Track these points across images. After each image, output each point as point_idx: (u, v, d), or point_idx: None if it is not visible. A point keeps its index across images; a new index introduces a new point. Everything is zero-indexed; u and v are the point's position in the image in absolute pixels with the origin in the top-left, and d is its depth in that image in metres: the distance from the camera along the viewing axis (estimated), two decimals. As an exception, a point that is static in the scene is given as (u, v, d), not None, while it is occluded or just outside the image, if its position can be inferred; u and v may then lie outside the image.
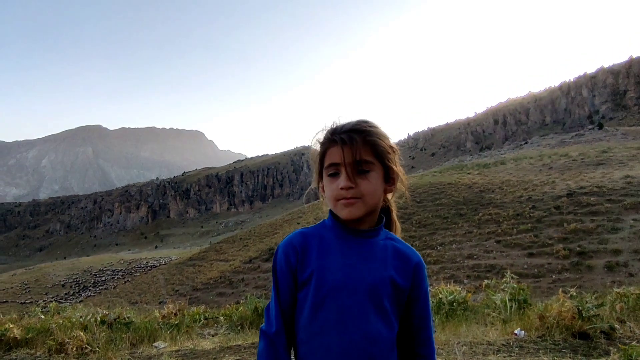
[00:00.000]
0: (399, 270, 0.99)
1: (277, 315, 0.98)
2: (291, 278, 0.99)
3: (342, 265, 0.97)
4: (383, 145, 0.99)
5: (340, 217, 1.00)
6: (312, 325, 0.95)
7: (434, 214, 43.87)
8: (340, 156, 0.97)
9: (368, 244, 1.00)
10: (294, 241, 1.01)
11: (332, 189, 0.98)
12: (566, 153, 61.94)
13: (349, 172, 0.96)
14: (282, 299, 0.99)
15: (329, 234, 1.02)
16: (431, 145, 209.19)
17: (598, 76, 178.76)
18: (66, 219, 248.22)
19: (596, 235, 29.88)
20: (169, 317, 5.46)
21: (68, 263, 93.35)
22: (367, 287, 0.95)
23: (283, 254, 1.00)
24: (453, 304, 4.80)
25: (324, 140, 1.02)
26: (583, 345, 3.13)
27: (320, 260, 0.98)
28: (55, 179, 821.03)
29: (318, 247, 0.99)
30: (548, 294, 12.25)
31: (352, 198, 0.96)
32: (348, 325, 0.93)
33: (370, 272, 0.97)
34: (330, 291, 0.95)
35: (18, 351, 4.43)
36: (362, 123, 1.00)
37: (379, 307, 0.95)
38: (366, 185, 0.96)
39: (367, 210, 0.98)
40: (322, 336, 0.94)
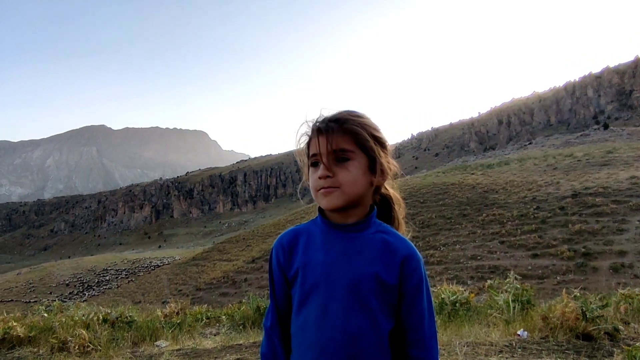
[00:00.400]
0: (386, 265, 0.94)
1: (272, 310, 1.02)
2: (282, 276, 1.00)
3: (324, 261, 0.94)
4: (364, 134, 0.95)
5: (326, 212, 0.99)
6: (297, 321, 0.96)
7: (437, 214, 43.74)
8: (317, 146, 0.95)
9: (354, 238, 0.96)
10: (283, 240, 1.01)
11: (313, 179, 0.97)
12: (571, 153, 61.56)
13: (324, 161, 0.94)
14: (277, 296, 1.02)
15: (316, 230, 1.00)
16: (435, 146, 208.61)
17: (603, 76, 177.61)
18: (70, 218, 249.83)
19: (601, 237, 29.68)
20: (171, 316, 5.48)
21: (72, 262, 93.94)
22: (348, 284, 0.92)
23: (275, 254, 1.02)
24: (455, 304, 4.77)
25: (307, 131, 1.00)
26: (587, 347, 3.10)
27: (305, 257, 0.97)
28: (59, 178, 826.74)
29: (304, 244, 0.98)
30: (552, 295, 12.15)
31: (330, 187, 0.93)
32: (327, 322, 0.91)
33: (351, 268, 0.93)
34: (312, 288, 0.94)
35: (21, 349, 4.46)
36: (343, 112, 0.98)
37: (362, 305, 0.91)
38: (344, 174, 0.93)
39: (347, 200, 0.94)
40: (304, 332, 0.94)
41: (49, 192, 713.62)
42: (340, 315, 0.91)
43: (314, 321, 0.92)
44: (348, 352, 0.90)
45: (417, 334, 0.95)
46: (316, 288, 0.93)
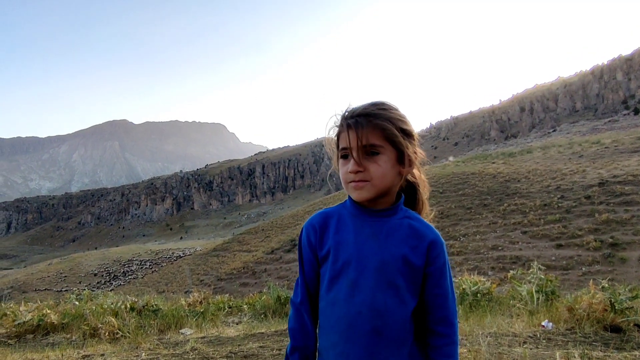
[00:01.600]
0: (413, 248, 1.01)
1: (302, 286, 1.09)
2: (312, 255, 1.07)
3: (355, 242, 1.01)
4: (391, 128, 0.99)
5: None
6: (327, 296, 1.03)
7: (457, 204, 43.07)
8: (348, 141, 1.00)
9: (383, 223, 1.03)
10: (314, 221, 1.08)
11: (343, 171, 1.02)
12: (598, 140, 59.23)
13: (355, 157, 0.99)
14: (306, 273, 1.08)
15: (346, 213, 1.07)
16: (454, 135, 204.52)
17: (634, 58, 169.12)
18: (96, 211, 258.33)
19: (630, 226, 28.60)
20: (195, 305, 5.63)
21: (99, 253, 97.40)
22: (377, 263, 0.99)
23: (305, 233, 1.09)
24: (477, 294, 4.72)
25: (337, 124, 1.05)
26: (615, 338, 3.02)
27: (336, 237, 1.04)
28: (85, 172, 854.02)
29: (336, 225, 1.05)
30: (577, 287, 11.83)
31: (360, 181, 0.99)
32: (356, 298, 0.98)
33: (381, 249, 1.00)
34: (343, 266, 1.01)
35: (55, 335, 4.68)
36: (372, 106, 1.02)
37: (390, 283, 0.99)
38: (375, 168, 0.99)
39: (377, 193, 1.01)
40: (334, 306, 1.01)
41: (75, 186, 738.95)
42: (369, 292, 0.98)
43: (344, 297, 1.00)
44: (374, 326, 0.98)
45: (443, 312, 1.03)
46: (347, 266, 1.00)
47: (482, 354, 2.46)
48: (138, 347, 3.47)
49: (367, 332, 0.97)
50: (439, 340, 1.03)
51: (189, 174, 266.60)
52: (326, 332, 1.03)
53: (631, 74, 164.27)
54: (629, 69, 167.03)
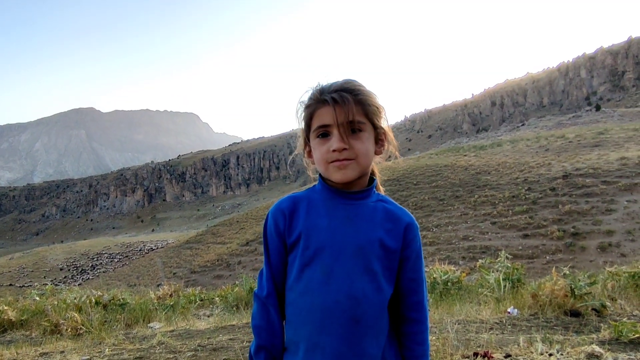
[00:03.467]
0: (389, 231, 0.97)
1: (268, 278, 0.99)
2: (280, 242, 0.99)
3: (328, 226, 0.95)
4: (372, 104, 0.96)
5: (329, 181, 0.99)
6: (298, 286, 0.95)
7: (430, 195, 44.11)
8: (332, 116, 0.92)
9: (357, 206, 0.98)
10: (282, 206, 1.00)
11: (323, 151, 0.95)
12: (563, 135, 61.99)
13: (342, 133, 0.92)
14: (273, 263, 1.00)
15: (317, 197, 1.00)
16: (428, 127, 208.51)
17: (597, 57, 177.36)
18: (62, 202, 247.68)
19: (590, 217, 30.25)
20: (165, 299, 5.49)
21: (65, 247, 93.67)
22: (353, 248, 0.94)
23: (272, 219, 1.00)
24: (447, 283, 4.83)
25: (310, 101, 0.97)
26: (575, 322, 3.16)
27: (307, 222, 0.97)
28: (49, 162, 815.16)
29: (306, 210, 0.98)
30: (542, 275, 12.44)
31: (345, 160, 0.93)
32: (332, 285, 0.92)
33: (356, 233, 0.95)
34: (316, 252, 0.94)
35: (13, 333, 4.44)
36: (351, 82, 0.97)
37: (367, 269, 0.93)
38: (360, 145, 0.93)
39: (361, 172, 0.96)
40: (306, 296, 0.93)
41: (38, 177, 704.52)
42: (346, 278, 0.92)
43: (318, 285, 0.93)
44: (352, 315, 0.91)
45: (417, 297, 1.00)
46: (321, 252, 0.94)
47: (450, 341, 2.51)
48: (102, 342, 3.34)
49: (345, 322, 0.91)
50: (413, 326, 1.00)
51: (161, 165, 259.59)
52: (295, 325, 0.96)
53: (594, 72, 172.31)
54: (592, 67, 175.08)
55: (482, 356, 2.28)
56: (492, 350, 2.40)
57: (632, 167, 36.65)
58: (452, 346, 2.45)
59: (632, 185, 33.01)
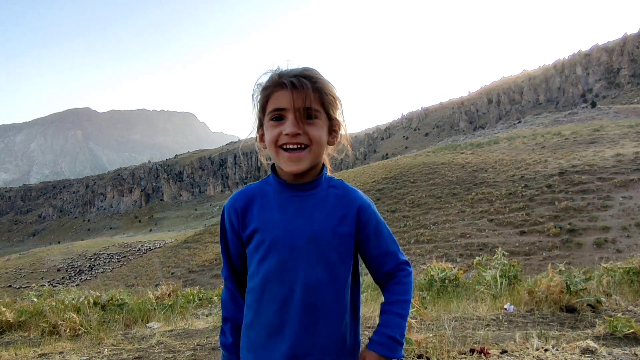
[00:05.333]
0: (342, 218, 0.99)
1: (226, 265, 1.08)
2: (235, 236, 1.04)
3: (281, 220, 0.97)
4: (330, 94, 0.97)
5: (281, 171, 1.00)
6: (257, 276, 0.99)
7: (427, 193, 44.19)
8: (289, 101, 0.93)
9: (308, 197, 0.99)
10: (234, 202, 1.03)
11: (275, 133, 0.95)
12: (559, 132, 62.23)
13: (297, 118, 0.93)
14: (231, 255, 1.06)
15: (270, 190, 1.02)
16: (425, 126, 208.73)
17: (592, 54, 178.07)
18: (58, 203, 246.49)
19: (586, 213, 30.40)
20: (163, 298, 5.49)
21: (62, 247, 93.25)
22: (305, 239, 0.96)
23: (226, 214, 1.04)
24: (445, 281, 4.86)
25: (268, 83, 0.97)
26: (570, 318, 3.19)
27: (261, 217, 0.99)
28: (45, 163, 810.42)
29: (259, 204, 1.01)
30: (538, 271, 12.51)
31: (297, 149, 0.94)
32: (287, 276, 0.96)
33: (309, 224, 0.97)
34: (270, 246, 0.97)
35: (12, 334, 4.43)
36: (311, 70, 0.97)
37: (321, 258, 0.96)
38: (314, 132, 0.94)
39: (313, 161, 0.96)
40: (265, 286, 0.98)
41: (34, 177, 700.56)
42: (300, 269, 0.96)
43: (274, 276, 0.97)
44: (307, 302, 0.96)
45: (387, 267, 1.04)
46: (275, 246, 0.96)
47: (447, 338, 2.53)
48: (100, 343, 3.34)
49: (302, 309, 0.96)
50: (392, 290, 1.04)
51: (158, 165, 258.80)
52: (255, 311, 1.00)
53: (589, 69, 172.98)
54: (588, 64, 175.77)
55: (479, 352, 2.31)
56: (489, 346, 2.42)
57: (628, 163, 36.86)
58: (449, 343, 2.47)
59: (627, 182, 33.20)
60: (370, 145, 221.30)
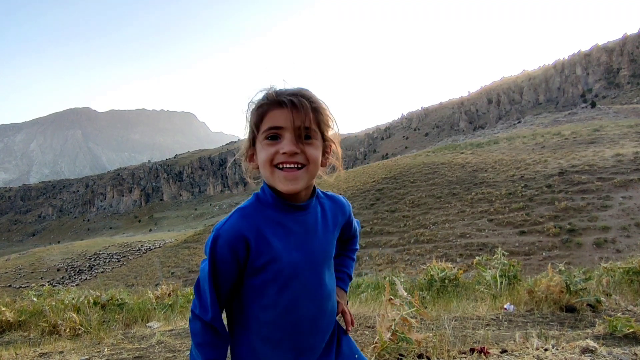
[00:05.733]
0: (338, 225, 1.09)
1: (214, 303, 0.93)
2: (235, 269, 0.94)
3: (295, 245, 0.97)
4: (326, 115, 0.97)
5: (278, 192, 0.97)
6: (278, 305, 0.96)
7: (427, 193, 44.20)
8: (288, 119, 0.91)
9: (310, 215, 1.02)
10: (241, 230, 0.93)
11: (271, 152, 0.92)
12: (559, 132, 62.25)
13: (296, 137, 0.92)
14: (221, 287, 0.95)
15: (273, 214, 0.97)
16: (425, 125, 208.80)
17: (592, 54, 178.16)
18: (58, 203, 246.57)
19: (586, 213, 30.42)
20: (163, 298, 5.49)
21: (62, 247, 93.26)
22: (320, 257, 1.01)
23: (228, 248, 0.92)
24: (444, 280, 4.86)
25: (264, 101, 0.94)
26: (570, 318, 3.19)
27: (275, 244, 0.94)
28: (44, 162, 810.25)
29: (272, 231, 0.95)
30: (538, 271, 12.52)
31: (294, 168, 0.92)
32: (313, 297, 1.00)
33: (319, 241, 1.02)
34: (291, 272, 0.96)
35: (11, 334, 4.43)
36: (307, 90, 0.97)
37: (329, 267, 1.06)
38: (312, 151, 0.94)
39: (308, 182, 0.96)
40: (292, 313, 0.97)
41: (34, 177, 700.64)
42: (322, 285, 1.02)
43: (302, 301, 0.98)
44: (331, 310, 1.06)
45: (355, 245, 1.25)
46: (294, 270, 0.96)
47: (447, 337, 2.53)
48: (101, 342, 3.34)
49: (328, 319, 1.04)
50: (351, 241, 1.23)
51: (158, 164, 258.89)
52: (276, 341, 0.98)
53: (589, 69, 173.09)
54: (588, 64, 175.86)
55: (479, 352, 2.31)
56: (489, 346, 2.42)
57: (627, 163, 36.88)
58: (449, 342, 2.48)
59: (627, 182, 33.23)
60: (370, 145, 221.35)
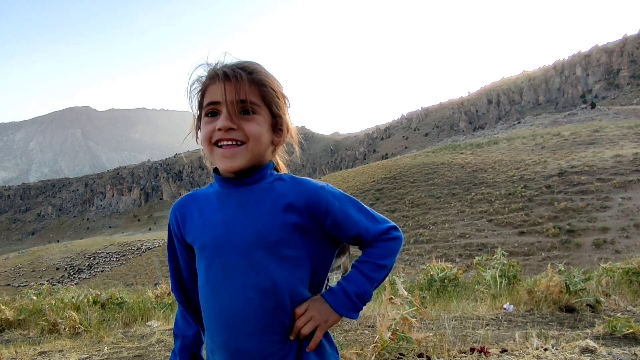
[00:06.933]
0: (289, 206, 0.85)
1: (172, 274, 0.98)
2: (179, 242, 0.95)
3: (222, 220, 0.86)
4: (272, 88, 0.88)
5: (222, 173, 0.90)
6: (205, 289, 0.87)
7: (427, 193, 44.22)
8: (221, 93, 0.84)
9: (249, 191, 0.88)
10: (175, 208, 0.96)
11: (209, 129, 0.86)
12: (558, 132, 62.28)
13: (230, 111, 0.83)
14: (180, 263, 0.97)
15: (212, 191, 0.93)
16: (424, 125, 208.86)
17: (592, 55, 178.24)
18: (58, 202, 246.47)
19: (585, 214, 30.45)
20: (162, 297, 5.49)
21: (61, 246, 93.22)
22: (251, 238, 0.84)
23: (170, 223, 0.97)
24: (444, 280, 4.87)
25: (203, 76, 0.89)
26: (569, 318, 3.20)
27: (201, 220, 0.89)
28: (44, 161, 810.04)
29: (199, 208, 0.91)
30: (537, 271, 12.52)
31: (232, 143, 0.84)
32: (237, 282, 0.83)
33: (252, 220, 0.85)
34: (214, 250, 0.85)
35: (11, 332, 4.44)
36: (252, 62, 0.89)
37: (272, 255, 0.84)
38: (251, 127, 0.84)
39: (251, 160, 0.86)
40: (215, 299, 0.85)
41: (33, 176, 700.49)
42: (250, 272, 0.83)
43: (222, 285, 0.85)
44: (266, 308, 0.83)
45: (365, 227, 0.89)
46: (218, 249, 0.85)
47: (447, 337, 2.53)
48: (100, 341, 3.35)
49: (262, 317, 0.82)
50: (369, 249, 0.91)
51: (158, 164, 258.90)
52: (212, 332, 0.87)
53: (589, 70, 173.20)
54: (587, 64, 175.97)
55: (479, 351, 2.31)
56: (489, 345, 2.43)
57: (627, 164, 36.92)
58: (449, 342, 2.48)
59: (626, 183, 33.26)
60: (369, 145, 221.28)
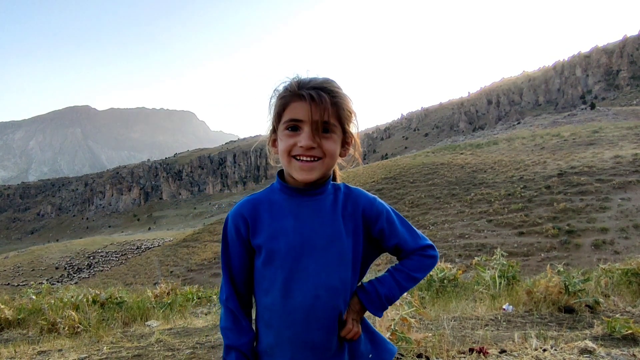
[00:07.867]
0: (352, 217, 0.99)
1: (227, 282, 1.00)
2: (242, 247, 0.99)
3: (294, 226, 0.95)
4: (347, 109, 0.96)
5: (291, 178, 0.99)
6: (274, 288, 0.95)
7: (426, 194, 44.22)
8: (306, 113, 0.92)
9: (318, 201, 0.98)
10: (243, 211, 0.99)
11: (290, 143, 0.94)
12: (558, 133, 62.32)
13: (313, 131, 0.92)
14: (233, 266, 1.00)
15: (278, 198, 1.00)
16: (424, 126, 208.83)
17: (592, 55, 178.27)
18: (57, 201, 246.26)
19: (585, 215, 30.46)
20: (162, 297, 5.50)
21: (61, 245, 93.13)
22: (323, 242, 0.95)
23: (232, 224, 0.99)
24: (444, 281, 4.86)
25: (286, 92, 0.96)
26: (568, 319, 3.20)
27: (273, 225, 0.97)
28: (44, 160, 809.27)
29: (269, 212, 0.98)
30: (537, 272, 12.53)
31: (312, 159, 0.93)
32: (310, 281, 0.93)
33: (323, 227, 0.96)
34: (287, 253, 0.94)
35: (10, 331, 4.44)
36: (330, 82, 0.96)
37: (340, 258, 0.96)
38: (328, 145, 0.94)
39: (324, 173, 0.96)
40: (288, 298, 0.93)
41: (33, 175, 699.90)
42: (321, 272, 0.94)
43: (297, 284, 0.94)
44: (334, 305, 0.95)
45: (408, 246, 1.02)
46: (292, 252, 0.94)
47: (446, 337, 2.53)
48: (100, 340, 3.34)
49: (329, 314, 0.94)
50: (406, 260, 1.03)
51: (157, 163, 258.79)
52: (277, 328, 0.95)
53: (589, 71, 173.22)
54: (587, 65, 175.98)
55: (478, 352, 2.32)
56: (488, 346, 2.43)
57: (626, 165, 36.94)
58: (448, 342, 2.48)
59: (626, 183, 33.28)
60: (369, 145, 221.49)
